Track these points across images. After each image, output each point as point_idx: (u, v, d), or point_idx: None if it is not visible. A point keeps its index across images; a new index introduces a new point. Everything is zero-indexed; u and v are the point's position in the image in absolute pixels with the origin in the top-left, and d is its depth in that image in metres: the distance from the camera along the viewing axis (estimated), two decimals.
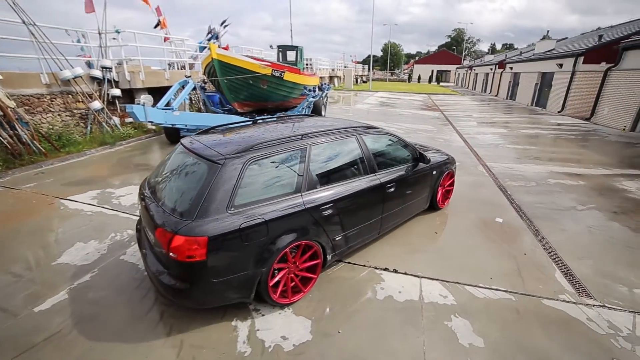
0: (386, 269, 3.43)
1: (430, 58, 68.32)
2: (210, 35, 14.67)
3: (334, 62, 36.32)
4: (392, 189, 3.55)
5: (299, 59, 14.38)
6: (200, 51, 13.66)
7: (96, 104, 8.57)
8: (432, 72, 58.46)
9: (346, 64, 42.01)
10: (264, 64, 9.59)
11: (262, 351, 2.43)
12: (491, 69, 32.33)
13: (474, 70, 41.77)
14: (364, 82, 45.04)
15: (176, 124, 7.38)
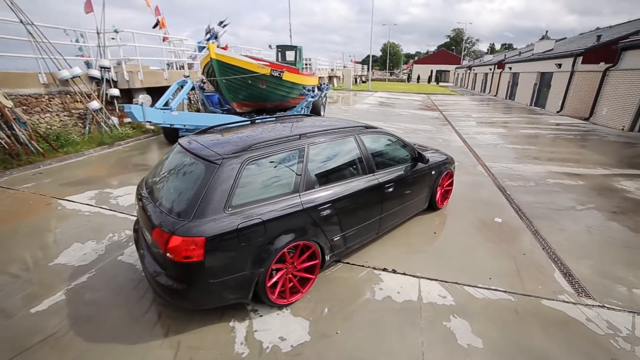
0: (385, 270, 3.42)
1: (430, 58, 68.44)
2: (209, 35, 14.64)
3: (333, 62, 36.32)
4: (390, 189, 3.54)
5: (297, 58, 14.37)
6: (199, 51, 13.63)
7: (94, 104, 8.53)
8: (431, 72, 58.49)
9: (345, 64, 41.99)
10: (263, 64, 9.57)
11: (260, 352, 2.41)
12: (490, 69, 32.36)
13: (473, 70, 41.82)
14: (363, 82, 45.04)
15: (174, 124, 7.35)
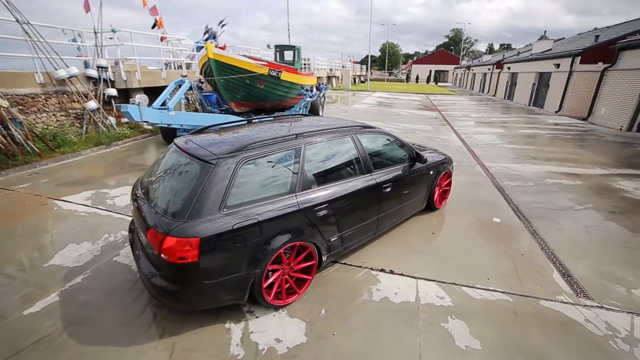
0: (382, 270, 3.39)
1: (428, 58, 68.45)
2: (208, 35, 14.60)
3: (332, 62, 36.31)
4: (388, 189, 3.51)
5: (296, 58, 14.36)
6: (198, 51, 13.59)
7: (92, 104, 8.49)
8: (430, 72, 58.52)
9: (344, 64, 42.00)
10: (261, 64, 9.55)
11: (256, 354, 2.39)
12: (489, 69, 32.38)
13: (472, 70, 41.85)
14: (362, 82, 45.01)
15: (172, 123, 7.32)
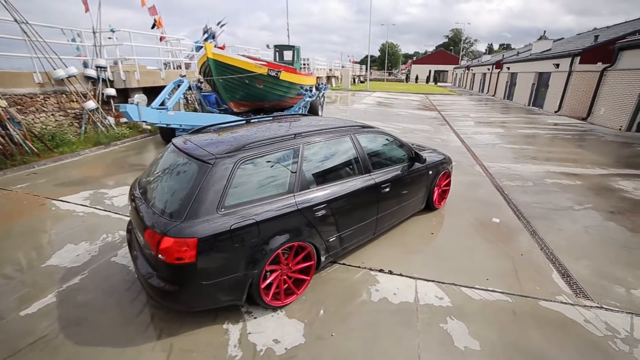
0: (381, 270, 3.38)
1: (428, 58, 68.45)
2: (207, 35, 14.59)
3: (331, 62, 36.31)
4: (387, 189, 3.50)
5: (295, 58, 14.35)
6: (197, 51, 13.57)
7: (90, 104, 8.47)
8: (429, 72, 58.56)
9: (344, 64, 42.00)
10: (260, 64, 9.53)
11: (254, 355, 2.37)
12: (488, 69, 32.39)
13: (472, 70, 41.86)
14: (361, 82, 45.01)
15: (171, 123, 7.31)
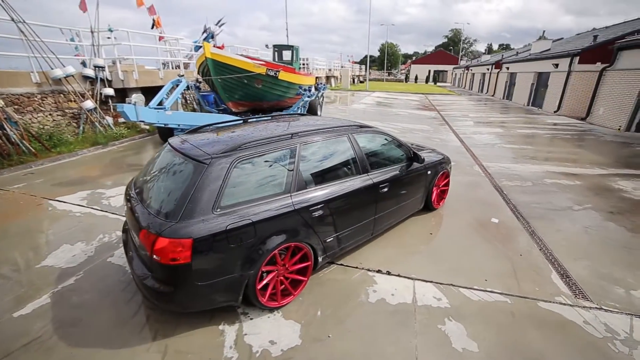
0: (379, 271, 3.36)
1: (427, 58, 68.47)
2: (206, 35, 14.56)
3: (331, 62, 36.30)
4: (385, 189, 3.48)
5: (294, 58, 14.32)
6: (196, 51, 13.55)
7: (88, 104, 8.44)
8: (429, 72, 58.56)
9: (343, 64, 41.98)
10: (259, 63, 9.50)
11: (250, 356, 2.35)
12: (488, 69, 32.40)
13: (471, 70, 41.86)
14: (361, 82, 44.99)
15: (169, 123, 7.27)
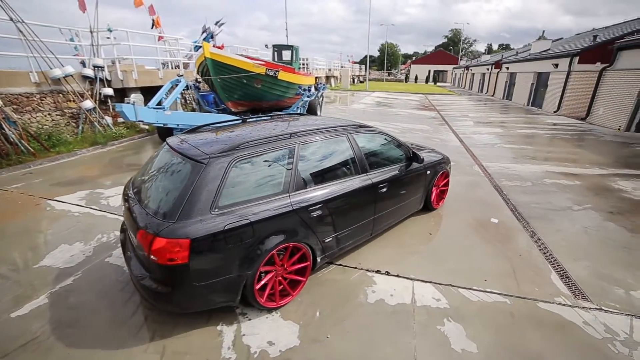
0: (378, 272, 3.35)
1: (427, 58, 68.46)
2: (206, 35, 14.55)
3: (330, 62, 36.28)
4: (384, 189, 3.46)
5: (294, 58, 14.31)
6: (195, 50, 13.53)
7: (88, 104, 8.43)
8: (429, 72, 58.56)
9: (343, 64, 41.96)
10: (258, 63, 9.49)
11: (248, 357, 2.34)
12: (487, 69, 32.40)
13: (471, 70, 41.86)
14: (360, 82, 44.98)
15: (168, 123, 7.26)
